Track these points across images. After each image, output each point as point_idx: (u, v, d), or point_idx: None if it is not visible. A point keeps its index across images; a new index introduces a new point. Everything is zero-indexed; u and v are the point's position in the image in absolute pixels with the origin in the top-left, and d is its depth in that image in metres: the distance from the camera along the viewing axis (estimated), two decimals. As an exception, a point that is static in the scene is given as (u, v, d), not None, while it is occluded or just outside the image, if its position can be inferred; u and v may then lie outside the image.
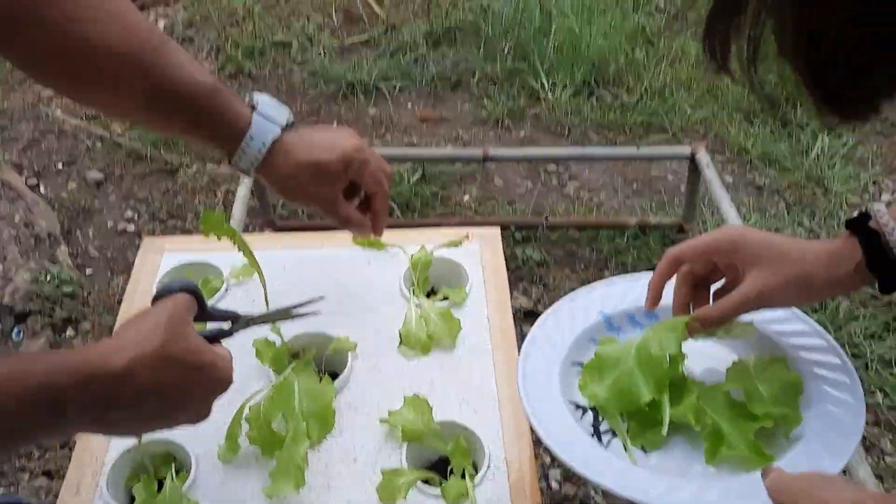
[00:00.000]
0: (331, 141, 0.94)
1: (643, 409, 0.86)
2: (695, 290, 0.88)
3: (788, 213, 2.13)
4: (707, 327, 0.85)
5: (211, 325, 0.81)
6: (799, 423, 0.83)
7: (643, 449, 0.85)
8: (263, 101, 0.91)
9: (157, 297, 0.73)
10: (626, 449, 0.85)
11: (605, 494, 1.48)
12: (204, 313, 0.76)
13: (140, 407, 0.67)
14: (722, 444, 0.82)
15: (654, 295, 0.88)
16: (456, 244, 1.18)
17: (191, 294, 0.73)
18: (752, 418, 0.83)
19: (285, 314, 0.90)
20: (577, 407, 0.90)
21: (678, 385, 0.87)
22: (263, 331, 1.00)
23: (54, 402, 0.61)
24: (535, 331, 0.95)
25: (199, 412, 0.73)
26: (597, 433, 0.87)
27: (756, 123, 2.41)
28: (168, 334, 0.67)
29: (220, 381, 0.72)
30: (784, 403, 0.84)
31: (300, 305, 0.90)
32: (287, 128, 0.92)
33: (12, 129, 2.41)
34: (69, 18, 0.79)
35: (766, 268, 0.80)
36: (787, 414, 0.83)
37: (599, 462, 0.82)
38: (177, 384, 0.68)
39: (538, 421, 0.85)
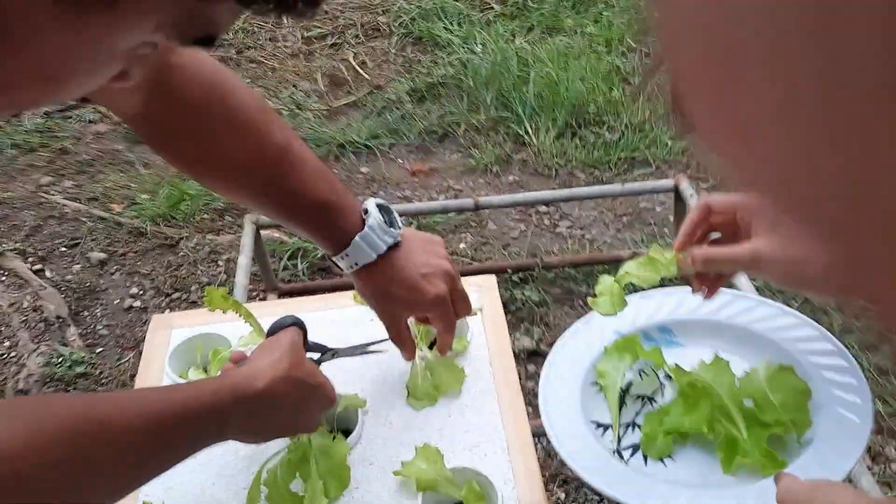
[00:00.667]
0: (418, 282, 0.96)
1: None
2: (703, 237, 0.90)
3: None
4: (696, 264, 0.86)
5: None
6: (809, 427, 0.86)
7: (662, 461, 0.89)
8: (371, 225, 0.94)
9: (273, 331, 0.91)
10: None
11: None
12: (306, 344, 0.95)
13: (275, 418, 0.84)
14: (737, 452, 0.86)
15: (684, 239, 0.88)
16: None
17: (298, 327, 0.92)
18: (765, 426, 0.87)
19: (362, 349, 1.08)
20: (598, 426, 0.94)
21: (691, 395, 0.91)
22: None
23: (220, 418, 0.77)
24: (553, 355, 0.99)
25: (310, 424, 0.91)
26: (618, 452, 0.91)
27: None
28: (292, 360, 0.85)
29: (328, 398, 0.91)
30: (794, 409, 0.87)
31: (373, 343, 1.09)
32: (387, 250, 0.95)
33: (15, 217, 2.47)
34: (207, 140, 0.89)
35: (773, 238, 0.81)
36: (798, 419, 0.87)
37: (620, 478, 0.86)
38: (301, 400, 0.86)
39: (560, 442, 0.90)
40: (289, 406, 0.84)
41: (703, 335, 1.01)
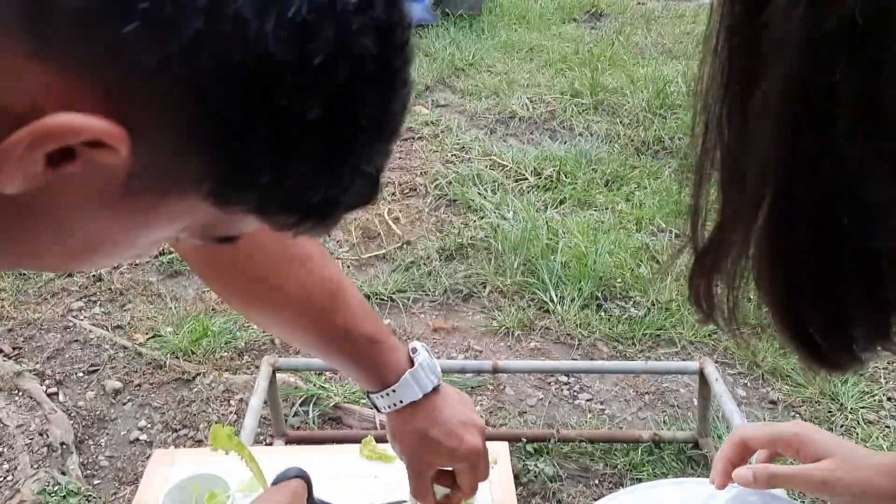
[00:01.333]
0: (456, 428, 0.95)
1: None
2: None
3: (804, 427, 2.11)
4: (760, 483, 0.84)
5: None
6: None
7: None
8: (420, 364, 0.94)
9: (277, 482, 0.88)
10: None
11: None
12: (311, 499, 0.91)
13: None
14: None
15: (723, 480, 0.88)
16: None
17: (304, 480, 0.89)
18: None
19: None
20: None
21: None
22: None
23: None
24: None
25: None
26: None
27: (764, 338, 2.45)
28: None
29: None
30: None
31: None
32: (430, 392, 0.95)
33: (40, 338, 2.50)
34: (260, 275, 0.89)
35: (838, 461, 0.80)
36: None
37: None
38: None
39: None
40: None
41: None
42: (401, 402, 0.93)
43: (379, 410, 0.96)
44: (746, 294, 0.45)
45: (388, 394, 0.93)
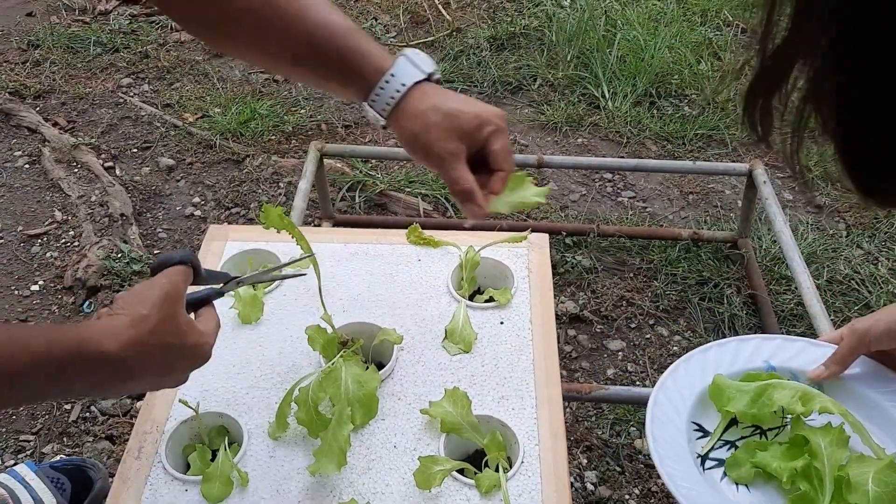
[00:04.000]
0: (471, 101, 0.90)
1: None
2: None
3: (847, 235, 2.10)
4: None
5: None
6: None
7: (736, 485, 0.90)
8: (411, 50, 0.90)
9: (158, 267, 0.80)
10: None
11: (640, 498, 1.50)
12: (199, 278, 0.84)
13: (130, 381, 0.75)
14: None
15: (837, 369, 0.96)
16: (518, 240, 1.21)
17: (187, 264, 0.81)
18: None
19: (273, 273, 1.01)
20: (699, 428, 0.95)
21: (796, 447, 0.91)
22: (315, 318, 1.05)
23: (53, 373, 0.69)
24: (658, 394, 0.96)
25: (178, 381, 0.82)
26: (703, 458, 0.92)
27: (819, 142, 2.38)
28: (160, 317, 0.74)
29: (200, 357, 0.80)
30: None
31: (286, 265, 1.02)
32: (430, 78, 0.89)
33: (93, 113, 2.54)
34: None
35: None
36: None
37: (688, 477, 0.86)
38: (163, 362, 0.76)
39: (653, 419, 0.91)
40: (149, 368, 0.75)
41: (846, 393, 0.97)
42: (403, 85, 0.86)
43: (381, 115, 0.88)
44: (810, 132, 0.43)
45: (386, 82, 0.86)
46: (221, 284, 0.90)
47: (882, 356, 0.97)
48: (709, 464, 0.92)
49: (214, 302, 0.86)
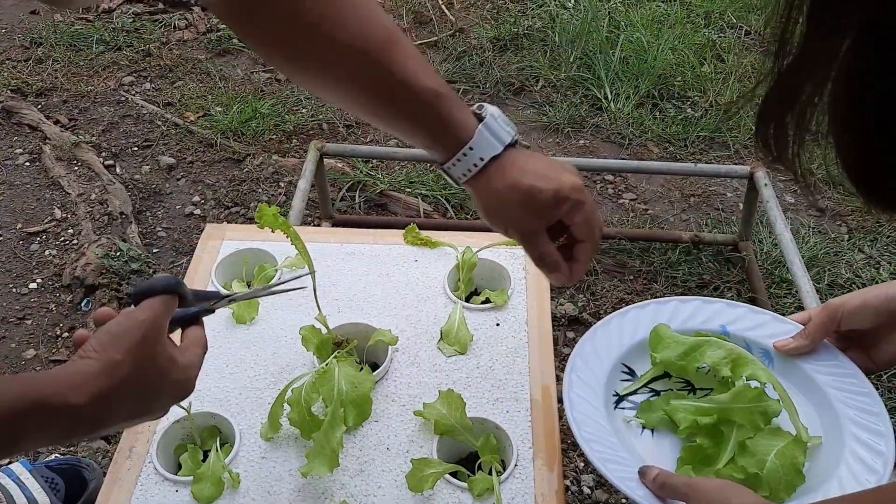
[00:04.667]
0: (550, 171, 0.86)
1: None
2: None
3: (849, 239, 2.09)
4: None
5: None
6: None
7: (643, 428, 0.91)
8: (492, 114, 0.86)
9: (139, 296, 0.73)
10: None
11: None
12: (186, 302, 0.77)
13: (101, 429, 0.70)
14: (701, 465, 0.86)
15: (809, 343, 0.95)
16: (511, 244, 1.20)
17: (171, 293, 0.74)
18: (742, 471, 0.84)
19: (268, 291, 0.92)
20: (616, 395, 0.95)
21: (713, 406, 0.90)
22: (310, 318, 1.05)
23: (12, 432, 0.64)
24: (585, 344, 0.97)
25: (158, 417, 0.77)
26: (619, 395, 0.94)
27: (822, 145, 2.36)
28: (135, 363, 0.68)
29: (181, 393, 0.75)
30: (778, 481, 0.83)
31: (282, 283, 0.98)
32: (509, 146, 0.86)
33: (94, 111, 2.54)
34: (311, 22, 0.79)
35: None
36: (774, 492, 0.83)
37: (594, 414, 0.89)
38: (138, 407, 0.71)
39: (571, 369, 0.93)
40: (117, 418, 0.69)
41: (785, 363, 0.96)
42: (480, 159, 0.84)
43: (457, 183, 0.86)
44: (813, 136, 0.44)
45: (464, 154, 0.84)
46: (211, 303, 0.82)
47: (847, 343, 0.95)
48: (626, 404, 0.93)
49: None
